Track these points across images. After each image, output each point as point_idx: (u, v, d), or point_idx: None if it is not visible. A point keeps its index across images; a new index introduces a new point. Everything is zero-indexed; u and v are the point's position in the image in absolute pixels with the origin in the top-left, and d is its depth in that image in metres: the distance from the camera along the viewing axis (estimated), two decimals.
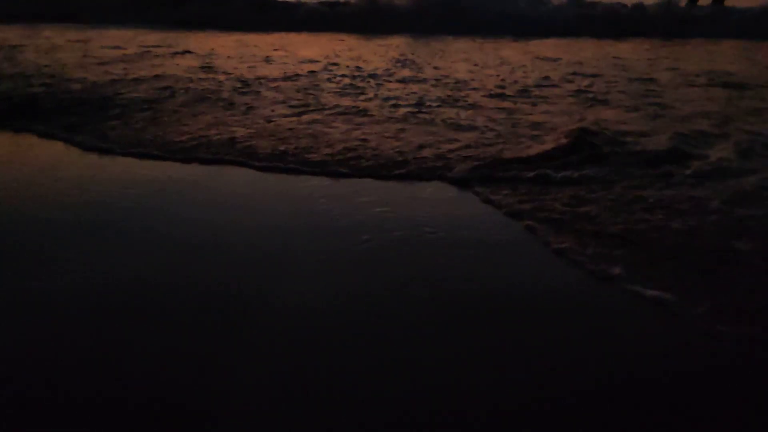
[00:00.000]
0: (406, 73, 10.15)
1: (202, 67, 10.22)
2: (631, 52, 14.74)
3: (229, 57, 12.02)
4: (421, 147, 5.09)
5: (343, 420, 1.85)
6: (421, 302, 2.56)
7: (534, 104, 7.35)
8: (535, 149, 4.97)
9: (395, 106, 7.01)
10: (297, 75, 9.52)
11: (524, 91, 8.37)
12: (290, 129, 5.64)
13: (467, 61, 12.18)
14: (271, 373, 2.03)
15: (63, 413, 1.90)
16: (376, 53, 13.35)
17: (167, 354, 2.13)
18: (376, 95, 7.72)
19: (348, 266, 2.87)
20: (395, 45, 15.48)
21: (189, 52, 12.66)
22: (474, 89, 8.44)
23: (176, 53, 12.37)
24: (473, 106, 7.14)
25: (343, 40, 16.83)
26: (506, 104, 7.28)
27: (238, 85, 8.35)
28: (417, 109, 6.82)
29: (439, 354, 2.20)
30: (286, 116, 6.29)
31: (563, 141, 5.05)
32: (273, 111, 6.57)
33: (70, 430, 1.84)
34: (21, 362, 2.15)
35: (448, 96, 7.75)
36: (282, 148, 4.96)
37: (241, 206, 3.70)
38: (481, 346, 2.26)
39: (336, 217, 3.49)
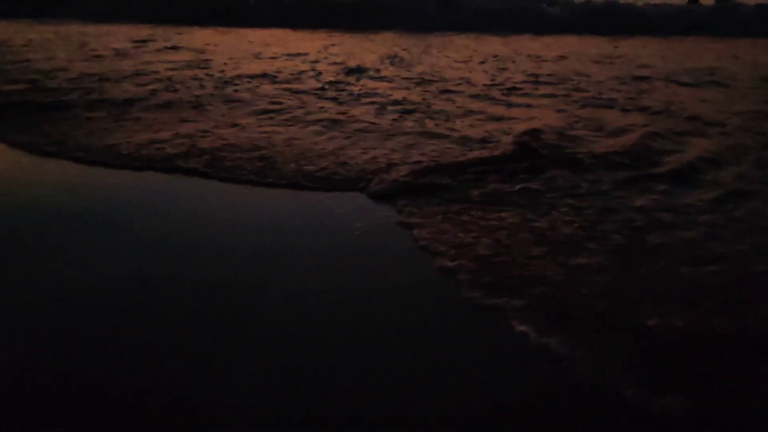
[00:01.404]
0: (393, 72, 9.90)
1: (188, 65, 9.98)
2: (629, 50, 14.48)
3: (219, 53, 11.80)
4: (386, 156, 4.62)
5: None
6: (292, 312, 2.44)
7: (523, 106, 6.95)
8: (486, 153, 4.56)
9: (379, 110, 6.58)
10: (282, 73, 9.27)
11: (512, 90, 8.02)
12: (263, 135, 5.22)
13: (458, 59, 11.92)
14: None
15: (60, 407, 1.87)
16: (366, 50, 13.11)
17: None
18: (356, 97, 7.40)
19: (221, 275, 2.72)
20: (387, 42, 15.24)
21: (180, 48, 12.46)
22: (461, 88, 8.19)
23: (166, 49, 12.13)
24: (456, 108, 6.76)
25: (336, 36, 16.60)
26: (491, 107, 6.91)
27: (220, 84, 8.02)
28: (396, 111, 6.43)
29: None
30: (260, 117, 6.04)
31: (514, 147, 4.65)
32: (248, 114, 6.18)
33: (70, 422, 1.80)
34: None
35: (434, 98, 7.36)
36: (248, 156, 4.53)
37: (176, 215, 3.38)
38: (335, 363, 2.13)
39: (226, 225, 3.27)
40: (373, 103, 6.96)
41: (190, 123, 5.68)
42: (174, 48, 12.24)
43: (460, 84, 8.60)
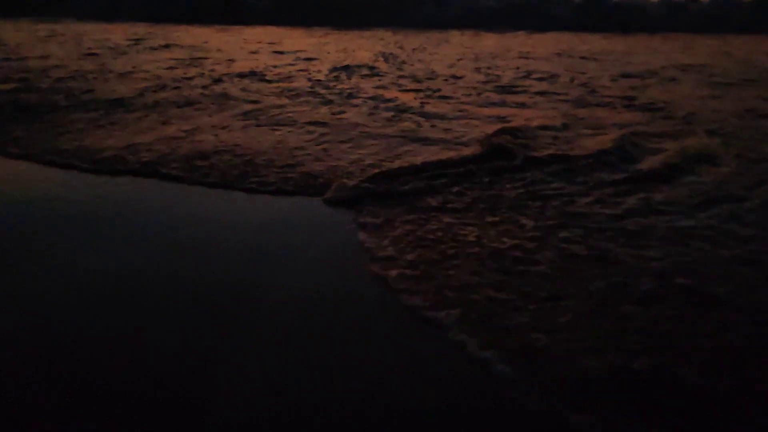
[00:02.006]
0: (386, 70, 9.74)
1: (181, 63, 9.81)
2: (622, 46, 14.30)
3: (214, 51, 11.64)
4: (364, 160, 4.42)
5: None
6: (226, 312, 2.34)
7: (516, 106, 6.74)
8: (458, 154, 4.36)
9: (367, 111, 6.35)
10: (274, 72, 9.12)
11: (506, 88, 7.93)
12: (245, 138, 5.04)
13: (452, 55, 11.75)
14: None
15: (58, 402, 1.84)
16: (361, 47, 12.95)
17: None
18: (347, 96, 7.14)
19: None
20: (383, 39, 15.07)
21: (175, 46, 12.29)
22: (454, 86, 7.95)
23: (162, 47, 11.97)
24: (448, 108, 6.52)
25: (332, 34, 16.44)
26: (484, 106, 6.72)
27: (210, 83, 7.86)
28: (385, 111, 6.23)
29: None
30: (246, 119, 5.80)
31: (492, 148, 4.41)
32: (233, 115, 5.97)
33: (68, 416, 1.77)
34: None
35: (427, 97, 7.15)
36: (224, 160, 4.35)
37: (135, 220, 3.21)
38: (271, 366, 2.03)
39: (167, 225, 3.16)
40: (362, 103, 6.74)
41: (173, 125, 5.52)
42: (168, 46, 12.10)
43: (453, 82, 8.42)
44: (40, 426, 1.75)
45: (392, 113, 6.21)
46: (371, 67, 9.84)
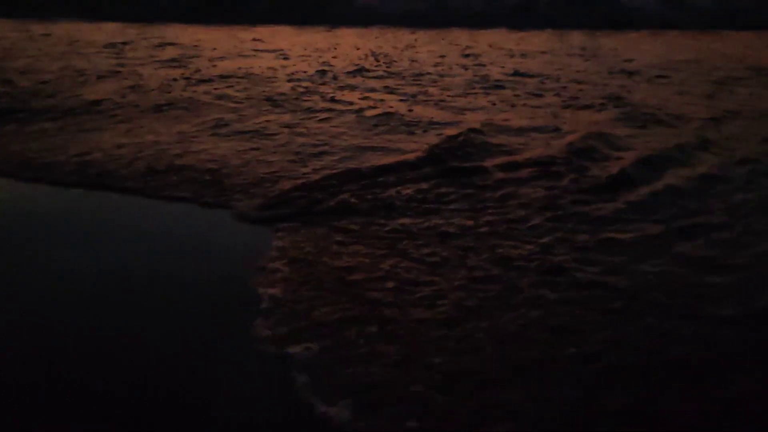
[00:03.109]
0: (375, 71, 9.46)
1: (168, 64, 9.48)
2: (615, 44, 14.04)
3: (207, 50, 11.43)
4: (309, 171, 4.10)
5: None
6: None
7: (497, 106, 6.52)
8: (396, 159, 4.16)
9: (348, 119, 5.88)
10: (259, 74, 8.81)
11: (490, 89, 7.60)
12: (209, 148, 4.65)
13: (444, 54, 11.50)
14: None
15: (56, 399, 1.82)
16: (353, 46, 12.70)
17: None
18: (329, 100, 6.80)
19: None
20: (377, 38, 14.86)
21: (168, 45, 12.08)
22: (443, 88, 7.61)
23: (155, 47, 11.75)
24: (436, 112, 6.18)
25: (330, 33, 16.25)
26: (462, 109, 6.42)
27: (191, 85, 7.51)
28: (361, 119, 5.84)
29: None
30: (218, 126, 5.40)
31: (421, 155, 4.22)
32: (205, 122, 5.59)
33: (69, 413, 1.77)
34: None
35: (412, 97, 6.89)
36: (180, 172, 4.04)
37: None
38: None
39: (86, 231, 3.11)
40: (345, 108, 6.36)
41: (140, 132, 5.21)
42: (162, 45, 11.92)
43: (441, 83, 8.10)
44: (39, 426, 1.73)
45: (374, 118, 5.83)
46: (360, 67, 9.61)
